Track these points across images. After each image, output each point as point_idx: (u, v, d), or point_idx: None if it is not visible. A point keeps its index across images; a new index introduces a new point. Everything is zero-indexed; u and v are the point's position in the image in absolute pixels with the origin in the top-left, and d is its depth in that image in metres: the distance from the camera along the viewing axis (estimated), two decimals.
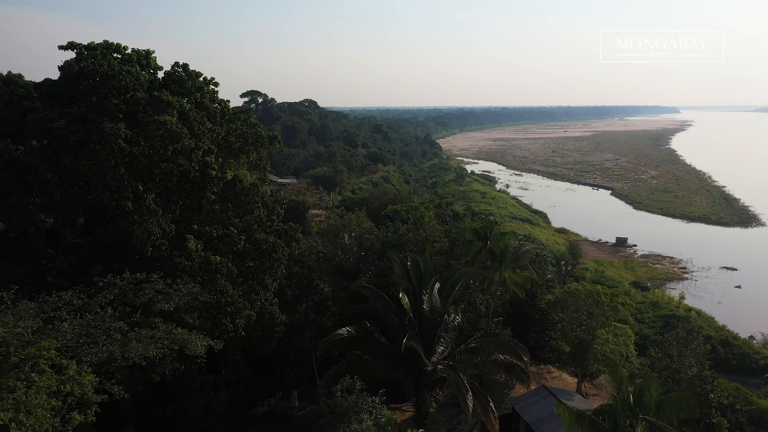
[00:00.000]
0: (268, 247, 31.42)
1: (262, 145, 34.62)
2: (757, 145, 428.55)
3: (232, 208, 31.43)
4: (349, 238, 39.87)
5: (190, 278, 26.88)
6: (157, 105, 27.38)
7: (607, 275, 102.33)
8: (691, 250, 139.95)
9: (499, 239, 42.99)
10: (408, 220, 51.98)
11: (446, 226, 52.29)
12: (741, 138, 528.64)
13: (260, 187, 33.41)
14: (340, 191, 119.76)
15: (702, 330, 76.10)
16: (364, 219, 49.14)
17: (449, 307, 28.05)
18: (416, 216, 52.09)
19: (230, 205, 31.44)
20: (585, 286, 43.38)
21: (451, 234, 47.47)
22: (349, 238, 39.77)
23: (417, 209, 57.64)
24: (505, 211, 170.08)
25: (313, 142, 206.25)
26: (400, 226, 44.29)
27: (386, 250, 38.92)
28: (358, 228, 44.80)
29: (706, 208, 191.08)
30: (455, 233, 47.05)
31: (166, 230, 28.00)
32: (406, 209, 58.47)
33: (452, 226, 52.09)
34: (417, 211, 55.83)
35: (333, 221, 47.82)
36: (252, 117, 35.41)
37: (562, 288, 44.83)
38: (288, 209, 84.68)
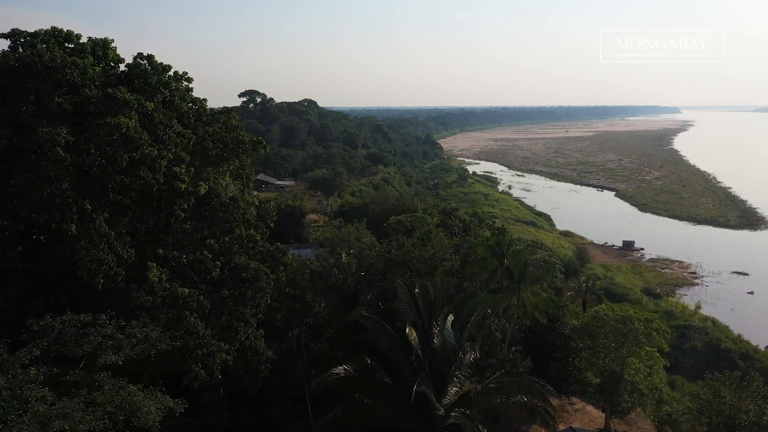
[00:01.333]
0: (249, 274, 26.72)
1: (245, 152, 30.09)
2: (760, 146, 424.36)
3: (206, 227, 26.94)
4: (347, 256, 35.38)
5: (151, 317, 22.52)
6: (110, 104, 22.82)
7: (616, 282, 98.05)
8: (699, 254, 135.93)
9: (518, 256, 38.90)
10: (413, 231, 47.46)
11: (455, 239, 47.52)
12: (743, 138, 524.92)
13: (242, 200, 28.83)
14: (340, 194, 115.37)
15: (721, 342, 71.80)
16: (365, 232, 44.49)
17: (464, 343, 23.65)
18: (423, 230, 47.46)
19: (205, 224, 26.91)
20: (615, 310, 38.66)
21: (461, 249, 42.98)
22: (347, 256, 35.29)
23: (423, 221, 52.86)
24: (508, 213, 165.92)
25: (313, 142, 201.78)
26: (405, 241, 39.80)
27: (390, 268, 34.53)
28: (357, 243, 40.65)
29: (712, 210, 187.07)
30: (466, 248, 42.70)
31: (123, 257, 23.29)
32: (411, 220, 53.77)
33: (463, 240, 47.64)
34: (424, 225, 50.88)
35: (330, 234, 43.26)
36: (233, 119, 30.71)
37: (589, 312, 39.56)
38: (284, 215, 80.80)
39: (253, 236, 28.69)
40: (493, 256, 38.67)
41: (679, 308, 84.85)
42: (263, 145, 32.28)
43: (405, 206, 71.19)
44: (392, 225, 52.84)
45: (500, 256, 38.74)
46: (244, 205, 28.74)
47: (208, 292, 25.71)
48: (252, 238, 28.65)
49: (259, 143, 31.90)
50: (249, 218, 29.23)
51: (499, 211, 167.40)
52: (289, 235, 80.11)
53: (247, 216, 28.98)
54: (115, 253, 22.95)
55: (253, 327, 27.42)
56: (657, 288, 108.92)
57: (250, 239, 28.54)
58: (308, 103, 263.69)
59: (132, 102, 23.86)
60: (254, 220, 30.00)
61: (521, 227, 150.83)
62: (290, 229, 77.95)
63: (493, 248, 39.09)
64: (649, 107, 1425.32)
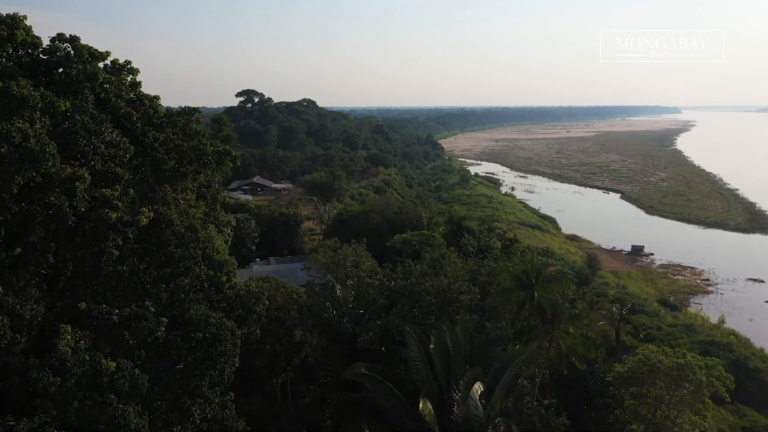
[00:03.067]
0: (208, 333, 19.98)
1: (208, 165, 24.07)
2: (763, 147, 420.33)
3: (153, 268, 20.94)
4: (344, 289, 30.30)
5: (58, 407, 16.21)
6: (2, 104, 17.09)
7: (630, 291, 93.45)
8: (712, 260, 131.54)
9: (550, 286, 32.33)
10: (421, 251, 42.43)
11: (471, 262, 41.72)
12: (745, 139, 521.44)
13: (204, 229, 22.95)
14: (339, 198, 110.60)
15: (748, 360, 67.04)
16: (364, 255, 38.86)
17: (495, 418, 18.67)
18: (435, 255, 40.31)
19: (150, 263, 20.91)
20: (668, 353, 33.34)
21: (479, 276, 37.46)
22: (343, 289, 30.18)
23: (433, 239, 47.35)
24: (512, 216, 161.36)
25: (312, 143, 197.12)
26: (413, 268, 34.48)
27: (395, 302, 29.44)
28: (355, 270, 34.91)
29: (721, 212, 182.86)
30: (485, 274, 37.31)
31: (25, 318, 16.93)
32: (419, 239, 48.49)
33: (480, 265, 41.27)
34: (435, 247, 44.81)
35: (323, 257, 37.90)
36: (193, 122, 24.93)
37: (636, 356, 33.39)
38: (277, 223, 76.07)
39: (216, 278, 22.20)
40: (520, 287, 31.92)
41: (699, 321, 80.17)
42: (231, 157, 26.20)
43: (408, 215, 66.29)
44: (397, 244, 47.48)
45: (528, 287, 31.95)
46: (206, 236, 22.78)
47: (150, 360, 19.29)
48: (215, 281, 22.22)
49: (226, 154, 25.76)
50: (211, 254, 22.57)
51: (503, 214, 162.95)
52: (282, 245, 75.15)
53: (208, 252, 22.34)
54: (10, 312, 16.64)
55: (214, 402, 21.02)
56: (670, 296, 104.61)
57: (213, 282, 22.08)
58: (307, 103, 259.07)
59: (33, 99, 17.74)
60: (221, 255, 23.52)
61: (527, 231, 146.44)
62: (284, 239, 73.17)
63: (521, 278, 32.16)
64: (650, 107, 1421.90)
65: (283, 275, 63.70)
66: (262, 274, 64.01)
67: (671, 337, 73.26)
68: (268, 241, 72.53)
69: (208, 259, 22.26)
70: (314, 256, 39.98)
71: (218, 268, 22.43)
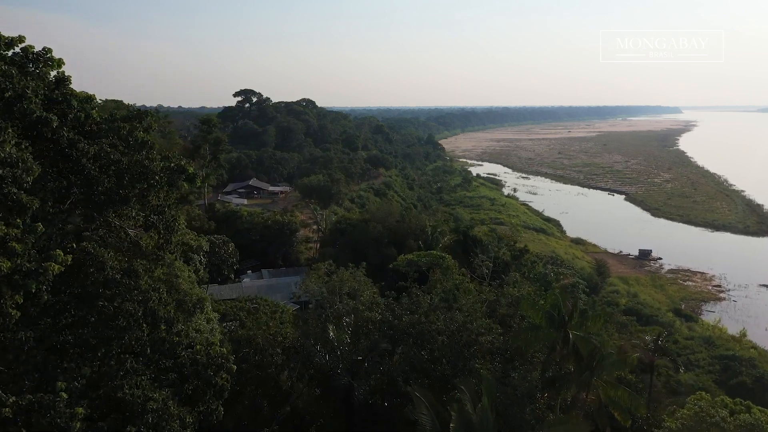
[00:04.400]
0: (144, 425, 15.01)
1: (155, 186, 18.73)
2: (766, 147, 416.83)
3: (73, 332, 16.07)
4: (337, 331, 25.44)
5: None
6: None
7: (641, 300, 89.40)
8: (722, 264, 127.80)
9: (586, 324, 26.63)
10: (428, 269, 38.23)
11: (487, 289, 36.43)
12: (748, 139, 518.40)
13: (148, 272, 17.78)
14: (339, 201, 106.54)
15: None
16: (364, 282, 33.77)
17: None
18: (448, 286, 33.05)
19: (72, 324, 16.07)
20: (729, 405, 28.83)
21: (498, 308, 31.61)
22: (336, 331, 25.32)
23: (443, 260, 42.49)
24: (516, 219, 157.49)
25: (310, 144, 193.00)
26: (422, 299, 29.37)
27: (398, 341, 24.84)
28: (352, 303, 29.46)
29: (729, 215, 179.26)
30: (505, 306, 31.59)
31: None
32: (426, 261, 43.87)
33: (499, 293, 34.63)
34: (446, 270, 40.01)
35: (315, 283, 33.29)
36: (140, 130, 19.39)
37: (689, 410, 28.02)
38: (271, 231, 72.09)
39: (165, 339, 17.03)
40: (550, 324, 26.53)
41: (717, 333, 76.17)
42: (189, 175, 20.43)
43: (412, 224, 62.02)
44: (401, 267, 42.75)
45: (560, 325, 26.50)
46: (152, 282, 17.63)
47: None
48: (163, 344, 17.03)
49: (180, 172, 19.84)
50: (156, 307, 17.35)
51: (506, 217, 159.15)
52: (276, 255, 70.76)
53: (152, 305, 17.15)
54: None
55: None
56: (682, 304, 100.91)
57: (159, 346, 16.94)
58: (306, 103, 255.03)
59: None
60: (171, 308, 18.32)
61: (531, 235, 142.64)
62: (278, 249, 68.81)
63: (551, 315, 26.62)
64: (650, 107, 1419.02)
65: (275, 290, 59.13)
66: (252, 289, 59.47)
67: (688, 350, 69.31)
68: (262, 250, 68.47)
69: (152, 315, 17.09)
70: (305, 284, 35.50)
71: (169, 324, 17.50)
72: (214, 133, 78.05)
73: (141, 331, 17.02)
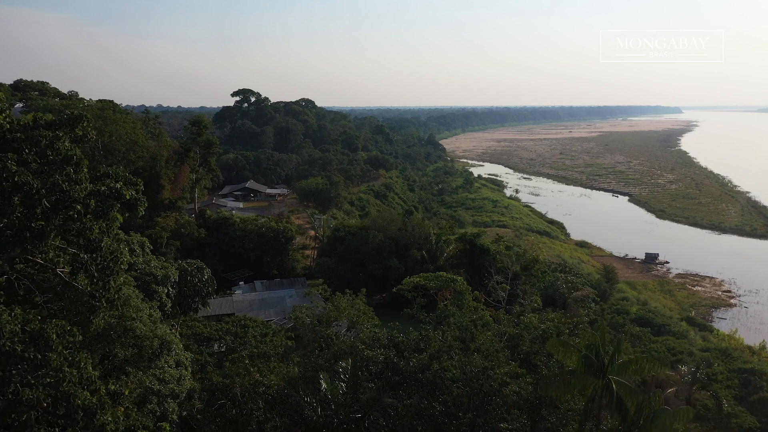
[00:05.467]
0: None
1: (80, 217, 14.72)
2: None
3: None
4: (331, 379, 21.22)
5: None
6: None
7: (652, 308, 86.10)
8: (731, 269, 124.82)
9: (630, 368, 22.26)
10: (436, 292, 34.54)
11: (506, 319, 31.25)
12: (750, 139, 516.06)
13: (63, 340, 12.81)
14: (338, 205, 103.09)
15: None
16: (363, 310, 29.79)
17: None
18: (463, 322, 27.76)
19: None
20: None
21: (521, 344, 26.57)
22: (329, 380, 21.03)
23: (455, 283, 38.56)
24: (520, 222, 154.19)
25: (309, 145, 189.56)
26: (433, 336, 24.91)
27: (406, 389, 20.66)
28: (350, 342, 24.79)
29: (735, 217, 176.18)
30: (529, 341, 26.76)
31: None
32: (436, 284, 39.83)
33: (521, 325, 29.22)
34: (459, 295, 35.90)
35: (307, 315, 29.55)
36: (65, 140, 15.52)
37: None
38: (266, 240, 67.11)
39: None
40: (587, 369, 22.19)
41: (734, 344, 72.87)
42: (130, 200, 16.69)
43: (415, 231, 58.47)
44: (407, 293, 38.73)
45: (598, 370, 22.14)
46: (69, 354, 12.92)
47: None
48: None
49: (115, 198, 15.90)
50: (72, 390, 12.67)
51: (509, 220, 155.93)
52: (271, 264, 66.85)
53: (66, 387, 12.59)
54: None
55: None
56: (692, 310, 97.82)
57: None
58: (306, 103, 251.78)
59: None
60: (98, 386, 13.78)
61: (535, 237, 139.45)
62: (273, 258, 65.00)
63: (589, 360, 22.19)
64: (651, 107, 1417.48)
65: (268, 305, 55.42)
66: (243, 304, 55.60)
67: (705, 364, 65.92)
68: (255, 259, 65.01)
69: (66, 402, 12.17)
70: (296, 314, 31.81)
71: (89, 414, 12.39)
72: (204, 135, 74.36)
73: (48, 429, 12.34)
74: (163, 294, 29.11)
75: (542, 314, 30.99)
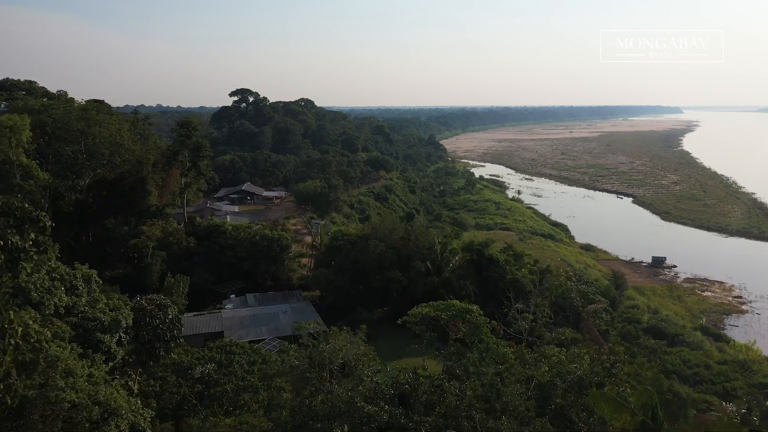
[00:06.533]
0: None
1: None
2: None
3: None
4: None
5: None
6: None
7: (664, 316, 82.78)
8: (740, 273, 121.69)
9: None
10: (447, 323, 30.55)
11: (532, 358, 26.11)
12: (752, 139, 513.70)
13: None
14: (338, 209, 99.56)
15: None
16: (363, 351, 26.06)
17: None
18: (487, 376, 23.14)
19: None
20: None
21: (554, 394, 22.59)
22: None
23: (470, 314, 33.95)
24: (523, 225, 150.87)
25: (308, 146, 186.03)
26: (449, 389, 20.68)
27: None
28: (347, 397, 20.70)
29: (742, 219, 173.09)
30: (562, 390, 22.72)
31: None
32: (449, 315, 35.75)
33: (550, 373, 24.34)
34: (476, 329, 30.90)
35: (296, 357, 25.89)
36: None
37: None
38: (260, 249, 62.24)
39: None
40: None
41: (752, 355, 69.51)
42: (21, 250, 13.10)
43: (419, 241, 54.85)
44: (414, 327, 34.65)
45: None
46: None
47: None
48: None
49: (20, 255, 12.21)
50: None
51: (513, 222, 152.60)
52: (265, 274, 62.72)
53: None
54: None
55: None
56: (703, 317, 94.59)
57: None
58: (305, 103, 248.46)
59: None
60: None
61: (539, 241, 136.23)
62: (267, 268, 61.00)
63: (645, 424, 18.03)
64: (651, 107, 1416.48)
65: (260, 322, 51.60)
66: (233, 321, 51.60)
67: (723, 377, 62.73)
68: (248, 270, 61.38)
69: None
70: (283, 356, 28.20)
71: None
72: (193, 138, 70.61)
73: None
74: (112, 343, 24.93)
75: (571, 350, 27.34)
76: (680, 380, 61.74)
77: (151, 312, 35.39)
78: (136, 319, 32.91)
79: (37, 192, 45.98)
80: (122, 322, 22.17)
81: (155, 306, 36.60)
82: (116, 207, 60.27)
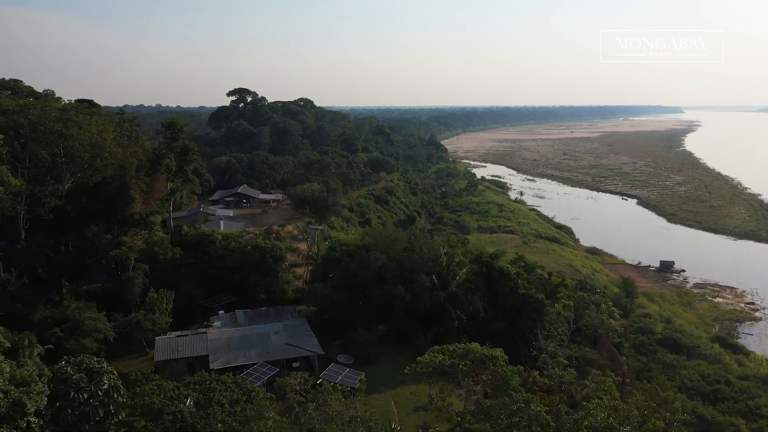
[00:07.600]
0: None
1: None
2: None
3: None
4: None
5: None
6: None
7: (678, 326, 79.06)
8: (751, 277, 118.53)
9: None
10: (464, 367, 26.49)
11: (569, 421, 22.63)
12: (753, 139, 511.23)
13: None
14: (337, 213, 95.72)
15: None
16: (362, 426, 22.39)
17: None
18: None
19: None
20: None
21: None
22: None
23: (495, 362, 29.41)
24: (527, 227, 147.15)
25: (307, 146, 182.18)
26: None
27: None
28: None
29: (749, 221, 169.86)
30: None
31: None
32: (467, 365, 30.86)
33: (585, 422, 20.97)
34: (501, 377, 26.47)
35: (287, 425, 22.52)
36: None
37: None
38: (252, 260, 57.54)
39: None
40: None
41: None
42: None
43: (423, 253, 50.79)
44: (428, 378, 30.50)
45: None
46: None
47: None
48: None
49: None
50: None
51: (516, 225, 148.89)
52: (257, 288, 58.85)
53: None
54: None
55: None
56: (715, 324, 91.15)
57: None
58: (304, 103, 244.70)
59: None
60: None
61: (544, 244, 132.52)
62: (259, 280, 56.49)
63: None
64: (652, 107, 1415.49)
65: (250, 344, 47.12)
66: (220, 343, 47.12)
67: (746, 395, 59.03)
68: (239, 282, 57.42)
69: None
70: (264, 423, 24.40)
71: None
72: (179, 140, 66.53)
73: None
74: None
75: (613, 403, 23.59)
76: (701, 398, 58.00)
77: (78, 383, 27.89)
78: (56, 393, 26.28)
79: (8, 199, 42.78)
80: (27, 406, 17.20)
81: (86, 371, 29.33)
82: (98, 214, 56.24)
